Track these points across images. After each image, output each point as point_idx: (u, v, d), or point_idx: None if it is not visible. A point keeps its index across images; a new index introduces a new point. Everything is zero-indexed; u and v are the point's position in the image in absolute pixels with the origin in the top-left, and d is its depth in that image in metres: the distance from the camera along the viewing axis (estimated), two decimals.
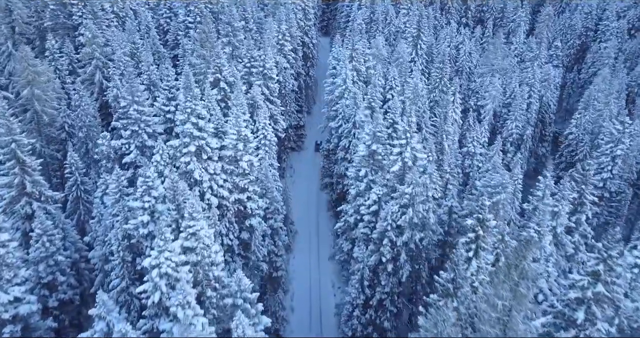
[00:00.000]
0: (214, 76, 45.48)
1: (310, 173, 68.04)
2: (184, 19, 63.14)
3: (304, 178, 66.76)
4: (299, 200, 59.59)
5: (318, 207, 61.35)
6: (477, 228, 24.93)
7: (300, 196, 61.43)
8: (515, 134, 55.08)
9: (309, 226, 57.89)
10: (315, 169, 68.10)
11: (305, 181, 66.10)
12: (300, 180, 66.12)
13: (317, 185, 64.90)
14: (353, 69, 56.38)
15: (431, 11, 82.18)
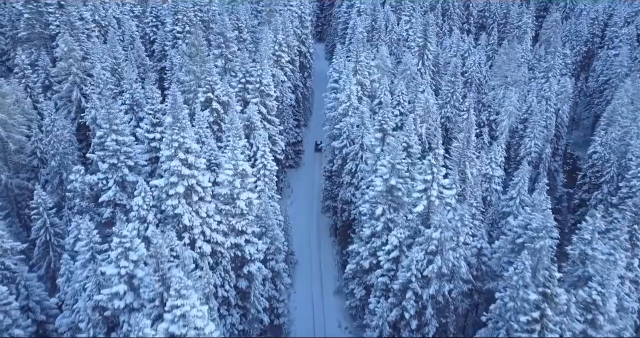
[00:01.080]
0: (206, 96, 39.68)
1: (309, 192, 62.39)
2: (172, 28, 57.14)
3: (303, 198, 61.08)
4: (299, 223, 53.90)
5: (319, 231, 55.72)
6: (542, 305, 19.51)
7: (299, 218, 55.78)
8: (534, 153, 49.98)
9: (310, 253, 52.22)
10: (315, 187, 62.51)
11: (304, 201, 60.42)
12: (299, 200, 60.42)
13: (317, 205, 59.24)
14: (357, 83, 50.85)
15: (433, 17, 76.94)
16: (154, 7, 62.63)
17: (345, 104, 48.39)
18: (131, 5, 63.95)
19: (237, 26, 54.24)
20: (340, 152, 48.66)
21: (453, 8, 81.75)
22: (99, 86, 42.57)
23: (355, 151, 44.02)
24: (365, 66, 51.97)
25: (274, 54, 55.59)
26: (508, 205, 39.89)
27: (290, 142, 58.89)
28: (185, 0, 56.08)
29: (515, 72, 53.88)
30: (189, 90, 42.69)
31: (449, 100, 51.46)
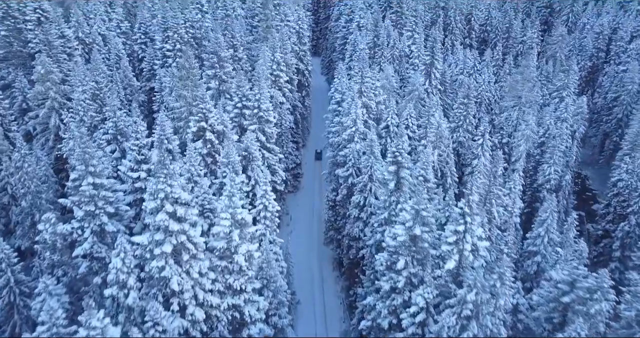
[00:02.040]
0: (198, 125, 34.81)
1: (309, 218, 57.63)
2: (162, 46, 52.32)
3: (303, 225, 56.23)
4: (299, 255, 49.00)
5: (321, 264, 50.85)
6: None
7: (299, 248, 50.97)
8: (553, 180, 45.68)
9: (312, 289, 47.30)
10: (316, 214, 57.78)
11: (304, 229, 55.57)
12: (299, 228, 55.54)
13: (318, 232, 54.39)
14: (362, 106, 46.30)
15: (437, 33, 72.96)
16: (143, 23, 57.84)
17: (351, 129, 43.76)
18: (118, 21, 59.09)
19: (232, 44, 49.58)
20: (345, 181, 43.94)
21: (455, 22, 77.81)
22: (78, 113, 37.60)
23: (363, 182, 39.29)
24: (371, 87, 47.47)
25: (272, 73, 50.97)
26: (535, 244, 35.38)
27: (290, 167, 54.10)
28: (176, 16, 51.36)
29: (530, 93, 49.66)
30: (179, 117, 37.84)
31: (461, 124, 47.09)
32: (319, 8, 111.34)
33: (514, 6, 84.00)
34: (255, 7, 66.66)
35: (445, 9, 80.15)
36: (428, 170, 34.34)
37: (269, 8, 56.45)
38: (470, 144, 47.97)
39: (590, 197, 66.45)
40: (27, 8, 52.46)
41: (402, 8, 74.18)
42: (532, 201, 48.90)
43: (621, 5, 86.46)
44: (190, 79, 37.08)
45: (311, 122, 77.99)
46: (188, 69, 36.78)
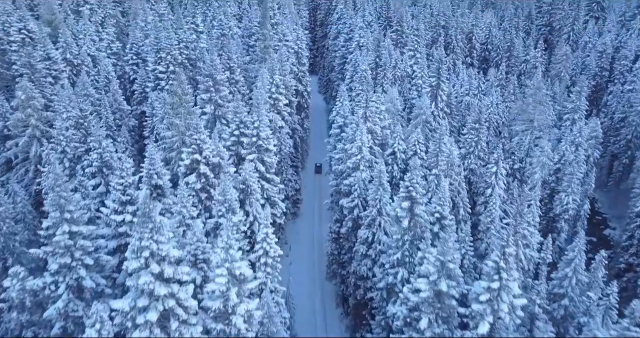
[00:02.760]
0: (192, 157, 31.16)
1: (310, 248, 53.75)
2: (154, 68, 48.92)
3: (303, 256, 52.30)
4: (299, 288, 45.10)
5: (323, 300, 46.85)
6: None
7: (300, 281, 47.10)
8: (572, 210, 42.38)
9: (314, 330, 43.30)
10: (317, 242, 54.02)
11: (305, 261, 51.64)
12: (299, 259, 51.59)
13: (319, 265, 50.52)
14: (368, 131, 42.92)
15: (442, 53, 70.26)
16: (135, 43, 54.52)
17: (356, 156, 40.29)
18: (109, 41, 55.73)
19: (229, 66, 46.25)
20: (350, 213, 40.33)
21: (456, 41, 75.20)
22: (59, 144, 33.90)
23: (372, 217, 35.67)
24: (376, 111, 44.17)
25: (271, 96, 47.61)
26: (561, 286, 31.75)
27: (289, 195, 50.44)
28: (169, 37, 48.06)
29: (542, 116, 46.59)
30: (170, 147, 34.25)
31: (472, 150, 43.77)
32: (316, 26, 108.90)
33: (515, 24, 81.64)
34: (252, 26, 63.73)
35: (446, 28, 77.66)
36: (445, 206, 30.83)
37: (267, 28, 53.38)
38: (483, 172, 44.67)
39: (600, 222, 63.17)
40: (12, 28, 49.14)
41: (403, 27, 71.48)
42: (547, 231, 45.43)
43: (622, 23, 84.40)
44: (182, 106, 33.58)
45: (310, 143, 74.59)
46: (180, 95, 33.28)
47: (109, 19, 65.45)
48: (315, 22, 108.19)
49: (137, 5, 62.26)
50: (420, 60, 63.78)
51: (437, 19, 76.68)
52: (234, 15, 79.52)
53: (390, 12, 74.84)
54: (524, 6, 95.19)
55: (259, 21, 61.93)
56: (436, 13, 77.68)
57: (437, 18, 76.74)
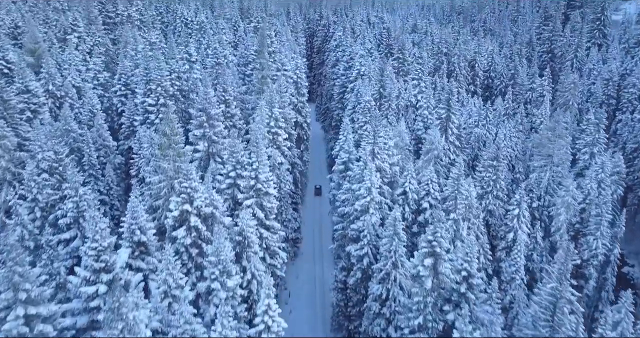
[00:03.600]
0: (181, 208, 26.78)
1: (311, 294, 48.96)
2: (143, 100, 44.92)
3: (304, 304, 47.44)
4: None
5: None
6: None
7: (301, 333, 42.36)
8: (601, 256, 38.29)
9: None
10: (319, 288, 49.30)
11: (306, 310, 46.68)
12: (299, 308, 46.68)
13: (322, 314, 45.77)
14: (376, 169, 38.86)
15: (438, 79, 67.17)
16: (124, 73, 50.66)
17: (365, 199, 36.09)
18: (96, 71, 51.83)
19: (224, 99, 42.33)
20: (360, 261, 35.91)
21: (459, 69, 72.26)
22: (30, 191, 29.43)
23: (386, 270, 31.24)
24: (384, 147, 40.22)
25: (270, 131, 43.64)
26: None
27: (289, 237, 45.95)
28: (160, 67, 44.22)
29: (562, 150, 42.86)
30: (157, 194, 29.86)
31: (490, 190, 39.74)
32: (312, 53, 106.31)
33: (518, 51, 79.03)
34: (249, 55, 60.38)
35: (448, 55, 74.84)
36: (473, 263, 26.51)
37: (265, 56, 49.82)
38: (502, 213, 40.59)
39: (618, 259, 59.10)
40: None
41: (404, 54, 68.53)
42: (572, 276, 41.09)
43: (626, 50, 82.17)
44: (172, 147, 29.37)
45: (309, 175, 70.51)
46: (170, 135, 29.12)
47: (98, 47, 61.79)
48: (312, 48, 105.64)
49: (128, 33, 58.72)
50: (424, 89, 60.55)
51: (438, 47, 73.87)
52: (229, 42, 76.44)
53: (390, 40, 71.95)
54: (524, 33, 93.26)
55: (255, 49, 58.56)
56: (437, 40, 74.93)
57: (438, 45, 73.94)
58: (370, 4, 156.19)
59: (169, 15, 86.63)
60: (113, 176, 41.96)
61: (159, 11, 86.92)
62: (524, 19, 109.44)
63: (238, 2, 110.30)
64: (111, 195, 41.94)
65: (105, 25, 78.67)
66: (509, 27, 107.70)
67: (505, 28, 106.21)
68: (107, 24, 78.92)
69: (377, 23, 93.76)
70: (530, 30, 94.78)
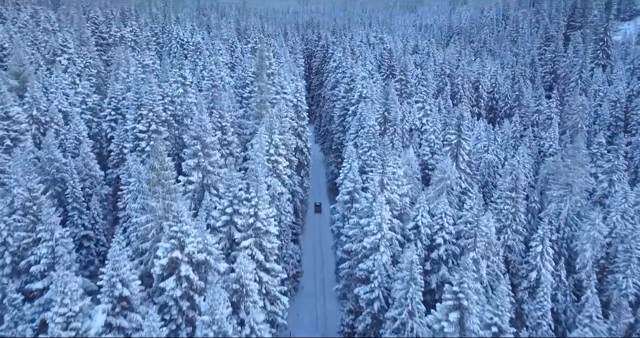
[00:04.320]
0: (171, 256, 23.24)
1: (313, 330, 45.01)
2: (133, 126, 41.67)
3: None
4: None
5: None
6: None
7: None
8: (632, 296, 34.91)
9: None
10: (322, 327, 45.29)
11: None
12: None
13: None
14: (386, 201, 35.51)
15: (442, 101, 64.55)
16: (114, 97, 47.53)
17: (375, 235, 32.67)
18: (84, 95, 48.66)
19: (220, 126, 39.12)
20: (369, 305, 32.31)
21: (463, 90, 69.74)
22: (0, 233, 25.81)
23: (401, 320, 27.61)
24: (393, 177, 36.96)
25: (269, 159, 40.36)
26: None
27: (290, 274, 42.25)
28: (152, 91, 41.09)
29: (582, 179, 39.77)
30: (144, 236, 26.33)
31: (509, 224, 36.44)
32: (311, 74, 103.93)
33: (521, 72, 76.86)
34: (246, 76, 57.54)
35: (451, 77, 72.42)
36: (504, 318, 22.99)
37: (263, 79, 46.89)
38: (521, 248, 37.23)
39: None
40: None
41: (407, 76, 66.00)
42: None
43: (631, 71, 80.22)
44: (161, 184, 25.96)
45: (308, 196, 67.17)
46: (159, 170, 25.74)
47: (89, 69, 58.81)
48: (310, 69, 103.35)
49: (120, 55, 55.83)
50: (430, 112, 57.81)
51: (441, 68, 71.45)
52: (226, 63, 73.79)
53: (392, 61, 69.49)
54: (525, 53, 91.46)
55: (253, 71, 55.76)
56: (441, 61, 72.58)
57: (441, 66, 71.53)
58: (367, 24, 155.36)
59: (164, 36, 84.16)
60: (99, 209, 38.38)
61: (154, 32, 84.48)
62: (524, 39, 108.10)
63: (235, 23, 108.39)
64: (96, 229, 38.30)
65: (99, 46, 75.99)
66: (509, 48, 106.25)
67: (505, 48, 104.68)
68: (100, 45, 76.25)
69: (377, 44, 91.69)
70: (531, 50, 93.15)
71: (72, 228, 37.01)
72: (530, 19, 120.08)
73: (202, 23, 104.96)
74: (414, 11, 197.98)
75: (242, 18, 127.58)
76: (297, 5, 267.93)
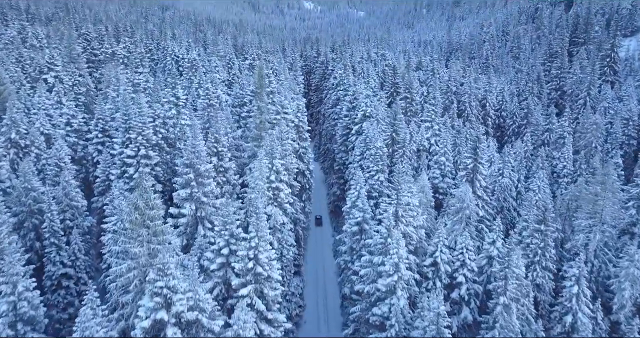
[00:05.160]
0: (155, 317, 19.04)
1: None
2: (121, 151, 37.67)
3: None
4: None
5: None
6: None
7: None
8: None
9: None
10: None
11: None
12: None
13: None
14: (402, 235, 31.44)
15: (448, 119, 61.06)
16: (101, 118, 43.63)
17: (392, 277, 28.56)
18: (69, 116, 44.73)
19: (216, 151, 35.17)
20: None
21: (470, 108, 66.34)
22: None
23: None
24: (408, 207, 33.00)
25: (270, 186, 36.37)
26: None
27: (293, 314, 37.90)
28: (142, 113, 37.23)
29: (613, 208, 35.97)
30: (125, 287, 22.13)
31: (538, 260, 32.47)
32: (310, 90, 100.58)
33: (529, 89, 73.75)
34: (245, 95, 53.87)
35: (458, 94, 69.08)
36: None
37: (263, 99, 43.17)
38: (551, 286, 33.19)
39: None
40: None
41: (412, 93, 62.55)
42: None
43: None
44: (146, 226, 21.88)
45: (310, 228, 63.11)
46: (143, 209, 21.68)
47: (78, 87, 55.01)
48: (309, 86, 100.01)
49: (110, 72, 52.11)
50: (438, 132, 54.22)
51: (448, 85, 68.12)
52: (223, 81, 70.30)
53: (396, 78, 66.15)
54: (530, 69, 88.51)
55: (252, 90, 52.16)
56: (446, 78, 69.33)
57: (447, 84, 68.22)
58: (365, 40, 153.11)
59: (159, 53, 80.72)
60: (80, 244, 34.19)
61: (149, 48, 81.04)
62: (525, 55, 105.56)
63: (232, 39, 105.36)
64: (77, 267, 34.06)
65: (91, 62, 72.47)
66: (511, 64, 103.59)
67: (507, 65, 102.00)
68: (92, 61, 72.73)
69: (378, 60, 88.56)
70: (533, 66, 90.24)
71: (50, 266, 32.84)
72: (531, 35, 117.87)
73: (198, 39, 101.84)
74: (411, 27, 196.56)
75: (240, 34, 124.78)
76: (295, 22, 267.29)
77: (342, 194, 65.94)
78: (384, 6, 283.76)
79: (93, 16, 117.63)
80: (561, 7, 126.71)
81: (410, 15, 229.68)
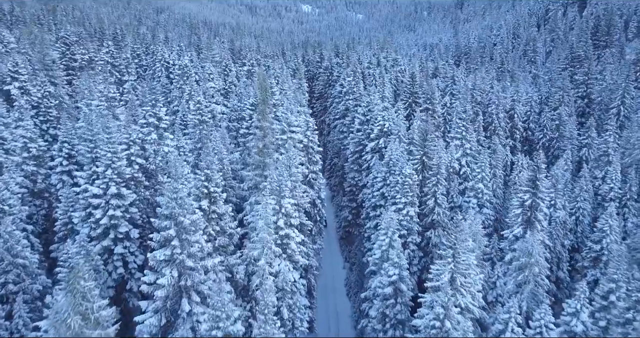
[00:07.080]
0: None
1: None
2: (85, 188, 28.42)
3: None
4: None
5: None
6: None
7: None
8: None
9: None
10: None
11: None
12: None
13: None
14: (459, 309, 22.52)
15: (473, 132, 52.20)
16: (67, 141, 34.38)
17: None
18: (26, 139, 35.42)
19: (207, 192, 25.97)
20: None
21: (498, 120, 57.55)
22: None
23: None
24: (466, 269, 24.05)
25: (278, 233, 27.37)
26: None
27: None
28: (112, 140, 28.06)
29: None
30: None
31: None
32: (313, 98, 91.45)
33: (560, 97, 65.06)
34: (244, 108, 44.92)
35: (482, 104, 60.31)
36: None
37: (267, 118, 34.08)
38: None
39: None
40: None
41: (434, 105, 53.77)
42: None
43: None
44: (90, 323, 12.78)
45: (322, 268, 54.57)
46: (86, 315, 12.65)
47: (47, 100, 45.78)
48: (313, 93, 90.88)
49: (83, 83, 42.92)
50: (469, 150, 45.43)
51: (472, 94, 59.34)
52: (219, 90, 61.22)
53: (415, 86, 57.31)
54: (553, 75, 79.79)
55: (252, 103, 43.19)
56: (470, 87, 60.54)
57: (472, 93, 59.45)
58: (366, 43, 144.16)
59: (147, 58, 71.49)
60: (25, 316, 25.10)
61: (137, 53, 71.78)
62: (542, 59, 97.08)
63: (229, 43, 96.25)
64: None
65: (70, 69, 63.20)
66: (528, 69, 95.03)
67: (524, 70, 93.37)
68: (71, 68, 63.44)
69: (389, 65, 79.59)
70: (555, 72, 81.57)
71: None
72: (545, 37, 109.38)
73: (191, 43, 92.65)
74: (413, 30, 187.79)
75: (237, 37, 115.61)
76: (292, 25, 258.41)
77: (354, 220, 57.09)
78: (384, 9, 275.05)
79: (83, 18, 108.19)
80: (574, 8, 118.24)
81: (411, 17, 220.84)
